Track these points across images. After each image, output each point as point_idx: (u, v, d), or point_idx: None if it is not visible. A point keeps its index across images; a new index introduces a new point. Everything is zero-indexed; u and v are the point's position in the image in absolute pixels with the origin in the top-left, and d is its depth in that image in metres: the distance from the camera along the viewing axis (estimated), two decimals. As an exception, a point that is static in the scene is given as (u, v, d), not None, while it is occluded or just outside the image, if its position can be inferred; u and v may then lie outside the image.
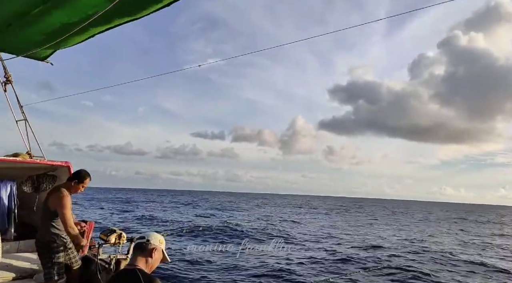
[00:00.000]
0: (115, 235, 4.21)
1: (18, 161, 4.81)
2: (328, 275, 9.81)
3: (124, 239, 4.26)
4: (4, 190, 5.15)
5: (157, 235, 2.54)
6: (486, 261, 14.65)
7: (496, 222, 46.24)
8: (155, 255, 2.44)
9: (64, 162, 5.14)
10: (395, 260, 13.33)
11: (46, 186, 5.37)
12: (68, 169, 5.12)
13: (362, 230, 25.87)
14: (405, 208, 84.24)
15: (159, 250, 2.48)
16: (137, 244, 2.47)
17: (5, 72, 5.31)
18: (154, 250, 2.44)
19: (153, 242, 2.46)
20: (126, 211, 33.19)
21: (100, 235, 4.29)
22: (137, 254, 2.42)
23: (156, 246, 2.46)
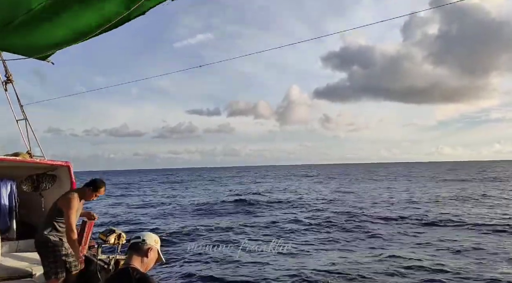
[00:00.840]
0: (114, 235, 4.22)
1: (18, 160, 4.82)
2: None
3: (123, 239, 4.27)
4: (4, 189, 5.17)
5: (153, 235, 2.57)
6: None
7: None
8: (150, 254, 2.45)
9: (64, 161, 5.15)
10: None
11: (46, 185, 5.39)
12: (68, 169, 5.13)
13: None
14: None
15: (155, 250, 2.50)
16: (133, 243, 2.48)
17: (6, 71, 5.32)
18: (149, 250, 2.45)
19: (148, 241, 2.48)
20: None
21: (100, 235, 4.30)
22: (133, 253, 2.43)
23: (151, 245, 2.48)
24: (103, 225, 14.21)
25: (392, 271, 8.99)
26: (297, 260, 10.05)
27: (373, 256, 10.32)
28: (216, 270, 9.18)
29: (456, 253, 10.55)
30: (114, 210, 22.09)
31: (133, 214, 20.53)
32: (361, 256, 10.34)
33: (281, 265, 9.51)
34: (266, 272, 8.94)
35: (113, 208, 23.08)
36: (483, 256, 10.07)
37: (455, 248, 11.01)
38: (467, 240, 12.09)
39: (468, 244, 11.53)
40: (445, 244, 11.61)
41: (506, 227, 14.05)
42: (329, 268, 9.26)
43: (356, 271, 8.88)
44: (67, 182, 5.22)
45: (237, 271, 9.09)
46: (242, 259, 10.09)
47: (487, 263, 9.39)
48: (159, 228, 15.31)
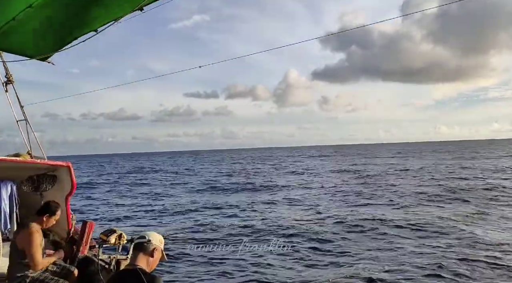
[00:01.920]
0: (115, 235, 4.24)
1: (19, 161, 4.82)
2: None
3: (124, 239, 4.29)
4: (4, 190, 5.16)
5: (157, 235, 2.59)
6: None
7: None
8: (155, 255, 2.48)
9: (65, 162, 5.16)
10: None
11: (46, 186, 5.38)
12: (68, 169, 5.13)
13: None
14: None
15: (159, 250, 2.52)
16: (138, 243, 2.50)
17: (6, 72, 5.33)
18: (154, 250, 2.48)
19: (154, 242, 2.50)
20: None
21: (100, 235, 4.32)
22: (138, 253, 2.45)
23: (157, 246, 2.50)
24: (102, 223, 14.30)
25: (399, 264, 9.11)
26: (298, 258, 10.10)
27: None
28: (215, 268, 9.21)
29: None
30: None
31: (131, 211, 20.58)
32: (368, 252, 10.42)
33: (281, 264, 9.55)
34: (266, 270, 8.97)
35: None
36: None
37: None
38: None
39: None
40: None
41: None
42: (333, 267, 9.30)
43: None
44: (67, 182, 5.22)
45: (237, 269, 9.12)
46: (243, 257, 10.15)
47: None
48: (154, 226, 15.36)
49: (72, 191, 5.23)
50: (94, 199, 24.59)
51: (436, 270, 8.44)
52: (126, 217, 18.17)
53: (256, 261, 9.72)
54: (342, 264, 9.24)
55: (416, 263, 8.95)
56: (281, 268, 9.13)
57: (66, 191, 5.24)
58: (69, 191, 5.23)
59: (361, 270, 8.65)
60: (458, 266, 8.70)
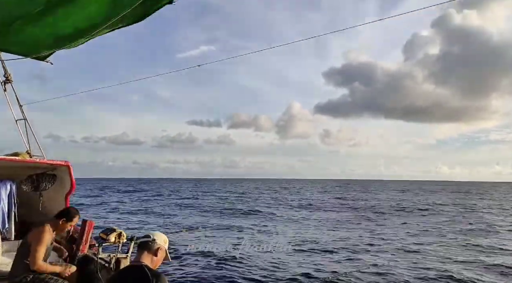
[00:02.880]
0: (115, 234, 4.23)
1: (18, 160, 4.82)
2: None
3: (124, 238, 4.28)
4: (4, 189, 5.16)
5: (162, 235, 2.61)
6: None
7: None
8: (159, 254, 2.50)
9: (64, 161, 5.15)
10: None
11: (46, 185, 5.39)
12: (67, 168, 5.13)
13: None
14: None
15: (163, 250, 2.54)
16: (143, 242, 2.52)
17: (4, 71, 5.32)
18: (159, 249, 2.50)
19: (158, 241, 2.52)
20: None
21: (100, 234, 4.31)
22: (143, 252, 2.47)
23: (161, 245, 2.52)
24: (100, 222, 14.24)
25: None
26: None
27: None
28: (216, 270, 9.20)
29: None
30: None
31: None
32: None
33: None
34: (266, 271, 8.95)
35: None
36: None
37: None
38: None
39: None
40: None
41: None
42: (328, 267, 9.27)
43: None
44: (67, 181, 5.23)
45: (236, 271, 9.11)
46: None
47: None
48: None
49: (72, 189, 5.24)
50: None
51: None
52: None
53: None
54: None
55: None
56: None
57: (65, 190, 5.25)
58: (68, 190, 5.24)
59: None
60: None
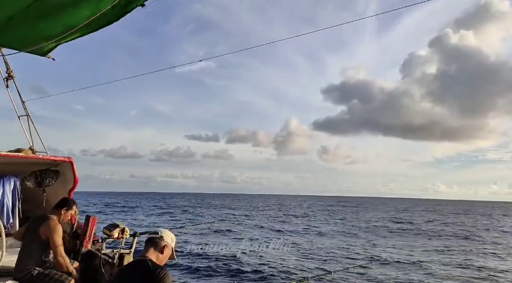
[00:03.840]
0: (118, 229, 4.24)
1: (21, 156, 4.83)
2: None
3: (127, 234, 4.29)
4: (7, 185, 5.17)
5: (170, 233, 2.62)
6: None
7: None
8: (165, 251, 2.51)
9: (67, 157, 5.16)
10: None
11: (49, 181, 5.39)
12: (71, 164, 5.13)
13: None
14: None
15: (170, 248, 2.55)
16: (150, 238, 2.54)
17: (6, 68, 5.32)
18: (165, 247, 2.51)
19: (165, 239, 2.54)
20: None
21: (103, 229, 4.32)
22: (149, 248, 2.49)
23: (168, 243, 2.53)
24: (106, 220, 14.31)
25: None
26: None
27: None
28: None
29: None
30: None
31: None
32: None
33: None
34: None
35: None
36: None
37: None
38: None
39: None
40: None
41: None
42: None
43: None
44: (70, 177, 5.23)
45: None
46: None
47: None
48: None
49: (75, 185, 5.24)
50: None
51: None
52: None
53: None
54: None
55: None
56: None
57: (69, 186, 5.26)
58: (71, 186, 5.24)
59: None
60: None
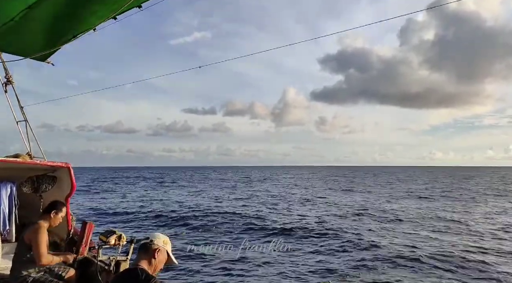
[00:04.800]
0: (114, 236, 4.21)
1: (18, 162, 4.81)
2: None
3: (124, 241, 4.26)
4: (4, 191, 5.14)
5: (162, 236, 2.55)
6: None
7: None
8: (158, 256, 2.44)
9: (65, 163, 5.14)
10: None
11: (46, 187, 5.37)
12: (68, 170, 5.11)
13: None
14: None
15: (163, 251, 2.48)
16: (141, 244, 2.48)
17: (6, 73, 5.32)
18: (157, 251, 2.44)
19: (156, 242, 2.47)
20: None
21: (100, 236, 4.29)
22: (141, 254, 2.43)
23: (159, 246, 2.47)
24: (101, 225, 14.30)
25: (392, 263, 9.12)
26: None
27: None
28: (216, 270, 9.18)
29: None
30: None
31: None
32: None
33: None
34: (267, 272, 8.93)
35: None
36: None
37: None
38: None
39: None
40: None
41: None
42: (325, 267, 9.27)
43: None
44: (67, 183, 5.20)
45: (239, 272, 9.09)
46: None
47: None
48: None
49: (72, 191, 5.21)
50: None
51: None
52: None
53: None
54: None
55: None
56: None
57: (65, 192, 5.22)
58: (68, 192, 5.21)
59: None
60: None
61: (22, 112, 5.44)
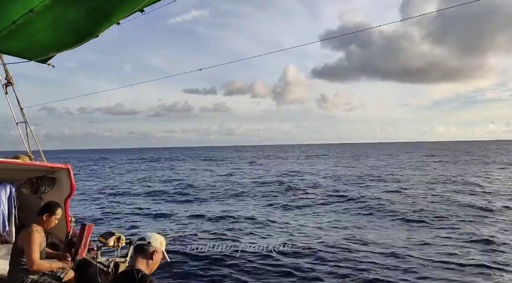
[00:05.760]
0: (113, 237, 4.22)
1: (18, 163, 4.82)
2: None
3: (123, 242, 4.28)
4: (3, 192, 5.16)
5: (158, 237, 2.56)
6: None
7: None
8: (155, 257, 2.46)
9: (64, 164, 5.16)
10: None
11: (45, 188, 5.38)
12: (67, 172, 5.13)
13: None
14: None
15: (160, 252, 2.50)
16: (138, 245, 2.48)
17: (6, 74, 5.35)
18: (154, 253, 2.46)
19: (154, 244, 2.48)
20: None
21: (99, 237, 4.30)
22: (138, 255, 2.44)
23: (156, 248, 2.48)
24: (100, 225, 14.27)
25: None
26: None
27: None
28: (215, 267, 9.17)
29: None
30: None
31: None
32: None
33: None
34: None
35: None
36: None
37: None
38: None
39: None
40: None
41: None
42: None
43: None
44: (66, 184, 5.22)
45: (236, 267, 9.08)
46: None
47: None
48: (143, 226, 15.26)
49: (71, 193, 5.23)
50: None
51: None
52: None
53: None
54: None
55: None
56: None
57: (65, 194, 5.24)
58: (68, 194, 5.23)
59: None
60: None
61: (22, 114, 5.47)
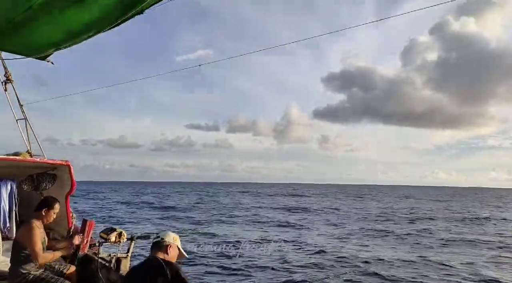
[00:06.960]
0: (115, 233, 4.25)
1: (18, 160, 4.83)
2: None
3: (124, 238, 4.31)
4: (4, 189, 5.18)
5: (171, 233, 2.78)
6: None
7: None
8: (170, 251, 2.65)
9: (65, 160, 5.17)
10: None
11: (46, 185, 5.40)
12: (68, 168, 5.14)
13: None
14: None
15: (174, 247, 2.69)
16: (153, 243, 2.69)
17: (5, 71, 5.35)
18: (169, 247, 2.65)
19: (167, 239, 2.68)
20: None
21: (101, 233, 4.33)
22: (155, 251, 2.64)
23: (170, 243, 2.68)
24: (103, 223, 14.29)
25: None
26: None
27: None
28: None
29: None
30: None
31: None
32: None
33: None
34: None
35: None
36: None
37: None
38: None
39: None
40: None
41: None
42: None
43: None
44: (67, 181, 5.24)
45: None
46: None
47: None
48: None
49: (72, 189, 5.25)
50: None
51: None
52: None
53: None
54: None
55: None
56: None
57: (66, 190, 5.26)
58: (69, 190, 5.25)
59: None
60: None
61: (22, 111, 5.47)
